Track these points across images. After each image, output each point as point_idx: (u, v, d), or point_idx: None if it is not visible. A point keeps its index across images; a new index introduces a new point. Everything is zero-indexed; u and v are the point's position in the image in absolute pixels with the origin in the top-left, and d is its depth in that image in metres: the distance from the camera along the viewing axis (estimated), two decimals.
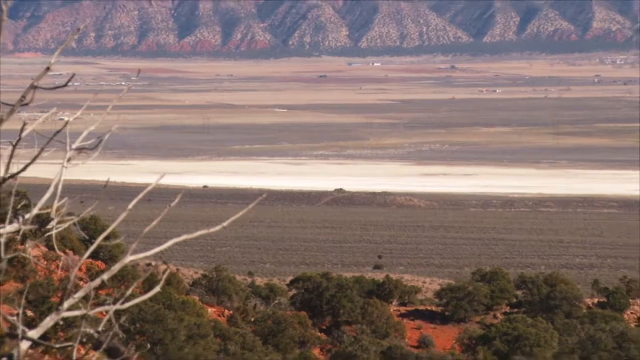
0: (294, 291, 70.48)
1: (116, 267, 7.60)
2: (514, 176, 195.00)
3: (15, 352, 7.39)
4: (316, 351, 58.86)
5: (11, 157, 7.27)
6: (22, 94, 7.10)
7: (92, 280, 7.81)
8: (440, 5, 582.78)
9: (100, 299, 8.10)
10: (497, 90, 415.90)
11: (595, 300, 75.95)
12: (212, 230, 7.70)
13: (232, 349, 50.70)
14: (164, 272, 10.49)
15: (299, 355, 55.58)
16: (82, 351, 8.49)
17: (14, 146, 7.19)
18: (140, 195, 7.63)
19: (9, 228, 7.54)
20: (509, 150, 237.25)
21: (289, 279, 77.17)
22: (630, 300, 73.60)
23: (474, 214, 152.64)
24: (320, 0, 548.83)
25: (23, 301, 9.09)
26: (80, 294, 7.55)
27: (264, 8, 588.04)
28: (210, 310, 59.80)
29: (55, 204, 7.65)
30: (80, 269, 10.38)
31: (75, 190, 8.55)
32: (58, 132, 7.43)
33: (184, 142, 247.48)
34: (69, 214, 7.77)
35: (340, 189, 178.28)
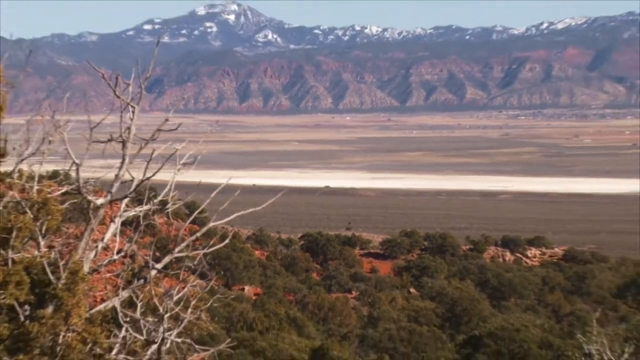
0: (302, 242, 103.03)
1: (204, 229, 12.19)
2: (424, 179, 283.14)
3: (148, 276, 11.73)
4: (314, 275, 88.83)
5: (146, 168, 11.67)
6: (152, 134, 11.92)
7: (191, 236, 12.16)
8: (382, 85, 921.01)
9: (195, 246, 12.35)
10: (414, 132, 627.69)
11: (467, 247, 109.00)
12: (258, 208, 13.14)
13: (269, 273, 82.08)
14: (231, 231, 12.98)
15: (305, 276, 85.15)
16: (185, 275, 12.46)
17: (148, 162, 11.69)
18: (218, 189, 12.64)
19: (146, 207, 12.15)
20: (422, 164, 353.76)
21: (299, 235, 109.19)
22: (487, 247, 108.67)
23: (402, 200, 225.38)
24: (317, 83, 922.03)
25: (153, 247, 12.99)
26: (184, 244, 11.90)
27: (286, 86, 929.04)
28: (256, 252, 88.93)
29: (171, 194, 12.34)
30: (185, 230, 12.58)
31: (181, 187, 12.88)
32: (172, 154, 12.04)
33: (242, 159, 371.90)
34: (179, 199, 12.57)
35: (327, 186, 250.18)
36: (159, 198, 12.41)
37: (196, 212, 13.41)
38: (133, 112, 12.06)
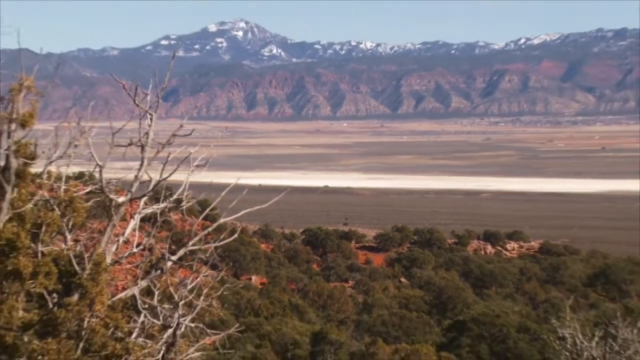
0: (303, 236, 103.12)
1: (215, 224, 12.54)
2: (413, 180, 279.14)
3: (164, 267, 11.75)
4: (314, 265, 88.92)
5: (163, 169, 11.73)
6: (168, 139, 11.94)
7: (203, 230, 12.20)
8: (376, 94, 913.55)
9: (207, 240, 12.31)
10: (404, 137, 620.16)
11: (452, 241, 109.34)
12: (263, 206, 13.26)
13: (274, 265, 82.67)
14: (239, 227, 12.94)
15: (306, 267, 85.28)
16: (198, 266, 12.38)
17: (164, 164, 11.79)
18: (227, 189, 12.69)
19: (162, 205, 12.20)
20: (411, 166, 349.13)
21: (301, 230, 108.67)
22: (470, 241, 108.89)
23: (393, 198, 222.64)
24: (317, 93, 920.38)
25: (168, 241, 12.79)
26: (197, 238, 12.04)
27: (289, 96, 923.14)
28: (262, 245, 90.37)
29: (185, 193, 12.33)
30: (197, 225, 12.48)
31: (194, 187, 12.56)
32: (186, 157, 12.08)
33: (249, 162, 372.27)
34: (192, 198, 12.51)
35: (326, 186, 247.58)
36: (174, 197, 12.42)
37: (208, 210, 13.61)
38: (151, 119, 12.08)
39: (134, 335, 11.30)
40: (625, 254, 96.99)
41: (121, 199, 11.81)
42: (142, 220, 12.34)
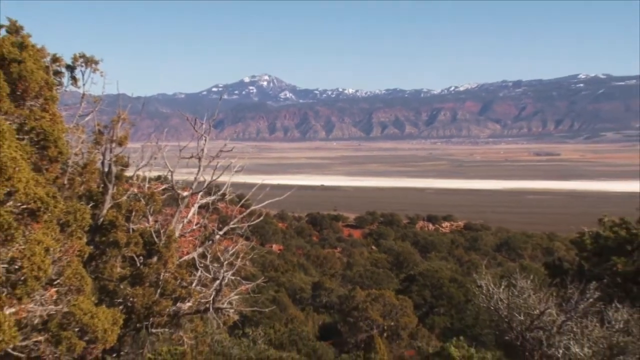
0: (307, 218, 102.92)
1: (248, 210, 12.88)
2: (380, 181, 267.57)
3: (214, 239, 11.79)
4: (314, 237, 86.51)
5: (213, 173, 11.81)
6: (216, 153, 12.05)
7: (240, 215, 12.43)
8: (355, 124, 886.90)
9: (243, 221, 12.51)
10: (374, 152, 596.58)
11: (406, 221, 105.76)
12: (280, 198, 13.58)
13: (287, 237, 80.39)
14: (264, 212, 13.11)
15: (308, 239, 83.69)
16: (236, 238, 12.31)
17: (214, 170, 11.93)
18: (256, 187, 12.98)
19: (212, 197, 12.35)
20: (379, 172, 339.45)
21: (305, 214, 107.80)
22: (418, 221, 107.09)
23: (367, 193, 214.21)
24: (316, 123, 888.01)
25: (217, 221, 12.93)
26: (236, 219, 12.27)
27: (297, 124, 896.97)
28: (279, 224, 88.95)
29: (228, 189, 12.50)
30: (236, 211, 12.53)
31: (234, 185, 13.55)
32: (228, 165, 12.13)
33: (271, 169, 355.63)
34: (232, 192, 12.74)
35: (322, 184, 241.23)
36: (221, 192, 12.39)
37: (243, 200, 13.49)
38: (205, 140, 12.04)
39: (194, 284, 11.24)
40: (520, 230, 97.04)
41: (185, 193, 11.78)
42: (200, 207, 12.31)
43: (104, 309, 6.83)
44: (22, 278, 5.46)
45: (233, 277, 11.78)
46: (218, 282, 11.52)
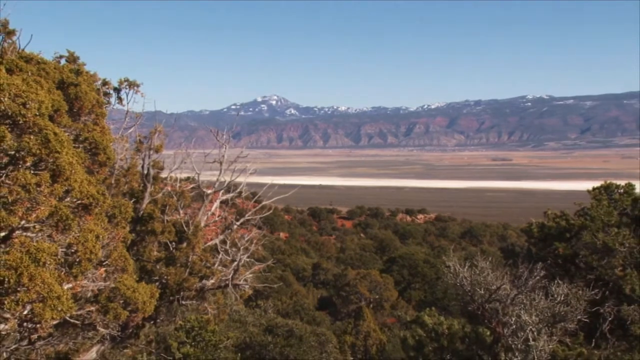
0: (308, 211, 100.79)
1: (260, 205, 12.44)
2: (367, 181, 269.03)
3: (233, 228, 11.56)
4: (314, 227, 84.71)
5: (232, 175, 11.57)
6: (235, 158, 11.72)
7: (254, 209, 12.28)
8: (347, 135, 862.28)
9: (256, 213, 12.23)
10: (362, 158, 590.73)
11: (388, 213, 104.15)
12: (286, 195, 13.55)
13: (292, 226, 77.70)
14: (273, 206, 13.03)
15: (309, 228, 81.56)
16: (251, 228, 12.06)
17: (232, 172, 11.60)
18: (267, 186, 12.46)
19: (231, 195, 12.11)
20: (366, 174, 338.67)
21: (306, 208, 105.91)
22: (398, 213, 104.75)
23: (357, 191, 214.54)
24: (315, 134, 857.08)
25: (235, 214, 12.47)
26: (251, 212, 12.17)
27: (300, 135, 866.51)
28: (286, 216, 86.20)
29: (244, 188, 12.31)
30: (251, 205, 12.65)
31: (249, 184, 13.40)
32: (244, 168, 11.93)
33: (278, 171, 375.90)
34: (247, 190, 12.45)
35: (321, 184, 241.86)
36: (238, 190, 12.37)
37: (256, 197, 13.42)
38: (225, 148, 12.02)
39: (216, 265, 11.23)
40: (480, 221, 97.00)
41: (209, 191, 11.76)
42: (221, 202, 12.29)
43: (143, 284, 6.83)
44: (77, 260, 5.48)
45: (248, 259, 11.79)
46: (236, 263, 11.52)
